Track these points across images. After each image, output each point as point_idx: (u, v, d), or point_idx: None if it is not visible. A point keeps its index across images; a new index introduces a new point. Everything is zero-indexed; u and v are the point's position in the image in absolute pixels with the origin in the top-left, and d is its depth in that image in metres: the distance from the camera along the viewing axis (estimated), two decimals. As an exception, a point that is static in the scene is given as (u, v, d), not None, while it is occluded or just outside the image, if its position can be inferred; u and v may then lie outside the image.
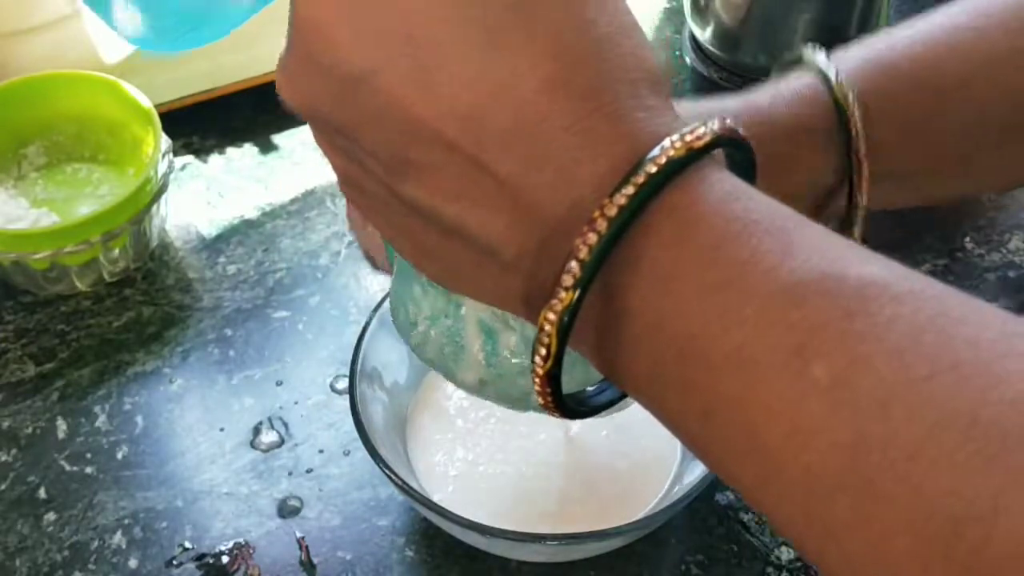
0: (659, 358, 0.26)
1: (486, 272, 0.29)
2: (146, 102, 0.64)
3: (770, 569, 0.50)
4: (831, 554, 0.24)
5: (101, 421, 0.57)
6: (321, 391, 0.58)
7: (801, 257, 0.24)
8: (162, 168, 0.63)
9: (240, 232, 0.67)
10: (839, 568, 0.24)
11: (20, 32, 0.66)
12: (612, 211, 0.25)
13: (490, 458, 0.52)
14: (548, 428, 0.53)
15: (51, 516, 0.53)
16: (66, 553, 0.52)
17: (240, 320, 0.62)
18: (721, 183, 0.26)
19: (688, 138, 0.25)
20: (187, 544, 0.52)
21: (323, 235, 0.66)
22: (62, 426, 0.57)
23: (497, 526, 0.44)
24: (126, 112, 0.65)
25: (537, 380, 0.28)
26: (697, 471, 0.48)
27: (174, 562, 0.51)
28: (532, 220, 0.27)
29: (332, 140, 0.30)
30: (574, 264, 0.25)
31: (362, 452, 0.47)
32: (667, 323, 0.26)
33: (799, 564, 0.50)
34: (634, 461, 0.52)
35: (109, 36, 0.67)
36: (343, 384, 0.58)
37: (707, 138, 0.26)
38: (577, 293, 0.26)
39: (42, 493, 0.54)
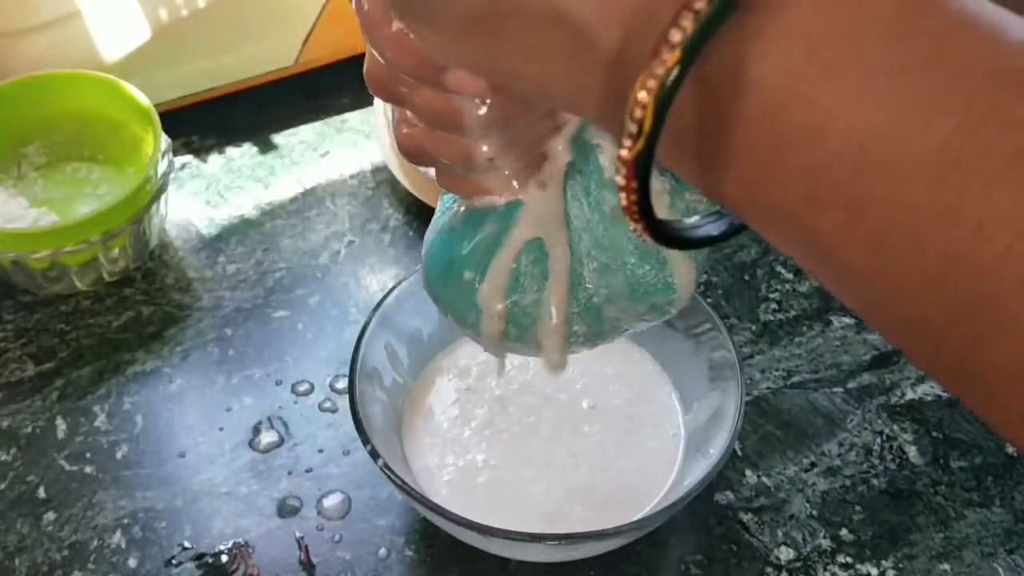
0: (813, 161, 0.21)
1: (573, 66, 0.25)
2: (146, 101, 0.64)
3: (769, 569, 0.50)
4: None
5: (101, 420, 0.57)
6: (321, 391, 0.58)
7: (1005, 39, 0.20)
8: (162, 167, 0.63)
9: (240, 232, 0.67)
10: None
11: (20, 32, 0.66)
12: None
13: (486, 462, 0.52)
14: (546, 428, 0.53)
15: (50, 516, 0.53)
16: (65, 552, 0.52)
17: (240, 320, 0.62)
18: None
19: None
20: (186, 544, 0.52)
21: (323, 235, 0.66)
22: (61, 426, 0.57)
23: (496, 526, 0.44)
24: (126, 111, 0.65)
25: (623, 172, 0.23)
26: (697, 471, 0.48)
27: (173, 561, 0.51)
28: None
29: None
30: (687, 17, 0.21)
31: (361, 452, 0.47)
32: (839, 117, 0.21)
33: (798, 564, 0.50)
34: (634, 461, 0.52)
35: (109, 35, 0.67)
36: (343, 384, 0.58)
37: None
38: (681, 54, 0.21)
39: (41, 492, 0.54)
